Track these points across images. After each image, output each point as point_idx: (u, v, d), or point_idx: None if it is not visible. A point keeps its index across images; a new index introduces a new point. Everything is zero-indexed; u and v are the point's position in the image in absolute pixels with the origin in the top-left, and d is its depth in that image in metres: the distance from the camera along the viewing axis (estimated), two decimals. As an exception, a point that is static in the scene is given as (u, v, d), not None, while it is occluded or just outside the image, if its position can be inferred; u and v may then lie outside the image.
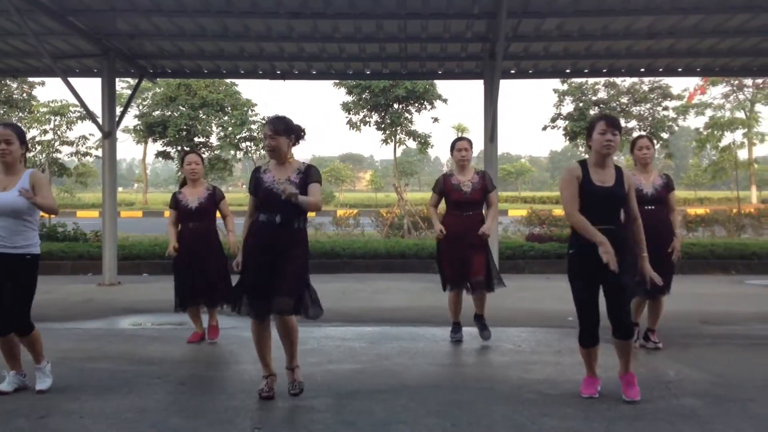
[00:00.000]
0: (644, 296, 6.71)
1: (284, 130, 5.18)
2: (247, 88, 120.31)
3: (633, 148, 7.02)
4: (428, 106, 21.30)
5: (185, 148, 21.34)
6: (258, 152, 21.83)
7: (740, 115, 25.43)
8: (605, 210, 5.05)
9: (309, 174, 5.20)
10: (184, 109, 21.52)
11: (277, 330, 5.17)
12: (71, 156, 23.16)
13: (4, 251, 5.10)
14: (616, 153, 5.21)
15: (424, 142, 22.14)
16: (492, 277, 7.01)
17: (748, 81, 26.60)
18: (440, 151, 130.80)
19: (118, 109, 13.51)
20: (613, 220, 5.09)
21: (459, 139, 7.24)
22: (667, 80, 22.94)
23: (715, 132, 24.86)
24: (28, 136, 22.12)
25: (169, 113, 21.68)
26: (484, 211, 7.09)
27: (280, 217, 5.08)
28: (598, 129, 5.03)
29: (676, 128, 23.61)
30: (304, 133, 5.36)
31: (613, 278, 4.91)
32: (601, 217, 5.00)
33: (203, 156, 7.85)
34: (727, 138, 25.51)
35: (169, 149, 21.78)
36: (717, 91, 25.51)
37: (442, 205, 7.30)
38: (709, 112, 25.63)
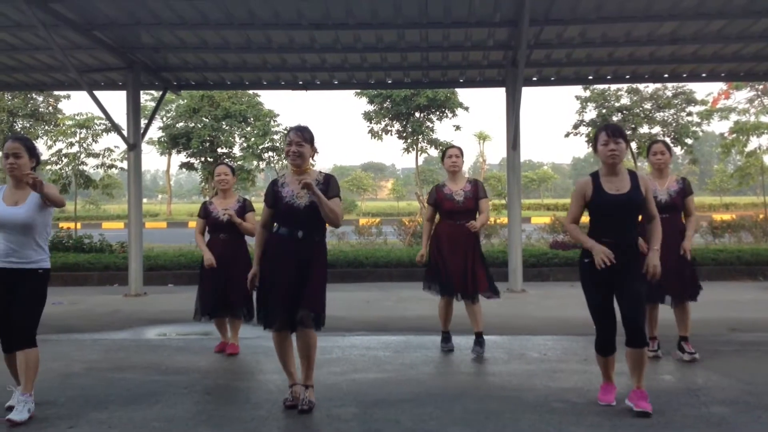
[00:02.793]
0: (658, 303, 6.69)
1: (309, 139, 5.24)
2: (269, 98, 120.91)
3: (648, 153, 6.95)
4: (450, 115, 21.33)
5: (209, 159, 21.51)
6: (280, 162, 21.93)
7: (765, 119, 25.09)
8: (623, 218, 5.04)
9: (329, 185, 5.23)
10: (207, 120, 21.70)
11: (297, 344, 5.21)
12: (97, 168, 23.33)
13: (16, 266, 4.99)
14: (639, 159, 5.19)
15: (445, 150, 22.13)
16: (493, 284, 7.07)
17: (774, 85, 26.33)
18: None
19: (143, 122, 13.66)
20: (630, 229, 5.06)
21: (449, 146, 7.36)
22: (690, 85, 22.67)
23: (740, 137, 24.59)
24: (54, 149, 22.43)
25: (193, 125, 21.86)
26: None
27: (302, 233, 5.13)
28: (600, 140, 5.06)
29: (701, 133, 23.40)
30: (316, 152, 5.44)
31: (626, 286, 4.93)
32: (620, 226, 5.01)
33: (233, 167, 7.88)
34: (753, 143, 25.24)
35: (192, 160, 21.96)
36: (741, 96, 25.31)
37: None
38: (733, 117, 25.39)
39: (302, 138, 5.19)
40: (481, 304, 7.06)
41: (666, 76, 13.91)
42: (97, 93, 12.20)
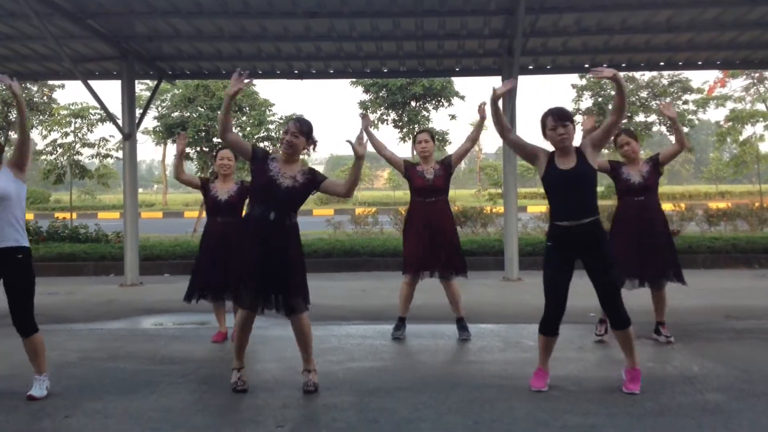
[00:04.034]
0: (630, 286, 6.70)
1: (307, 133, 5.27)
2: (265, 88, 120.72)
3: (615, 145, 6.97)
4: (445, 104, 21.34)
5: (204, 149, 21.44)
6: (277, 152, 21.92)
7: (761, 107, 25.11)
8: (576, 195, 5.09)
9: (316, 174, 5.33)
10: (202, 110, 21.61)
11: (294, 331, 5.30)
12: (92, 158, 23.31)
13: None
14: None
15: (441, 139, 22.12)
16: (463, 262, 7.11)
17: (769, 73, 26.32)
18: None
19: (138, 111, 13.61)
20: (587, 210, 5.09)
21: (420, 131, 7.36)
22: (686, 74, 22.65)
23: (736, 125, 24.63)
24: (49, 139, 22.40)
25: (188, 114, 21.78)
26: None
27: (274, 214, 5.14)
28: (548, 126, 5.11)
29: (697, 122, 23.39)
30: (316, 146, 5.46)
31: (597, 273, 5.06)
32: (575, 206, 5.07)
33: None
34: (748, 131, 25.29)
35: (188, 150, 21.89)
36: (737, 84, 25.27)
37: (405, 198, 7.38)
38: (729, 105, 25.38)
39: (299, 130, 5.22)
40: (458, 287, 7.13)
41: (662, 64, 13.88)
42: (91, 82, 12.16)
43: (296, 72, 13.96)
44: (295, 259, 5.22)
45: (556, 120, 5.08)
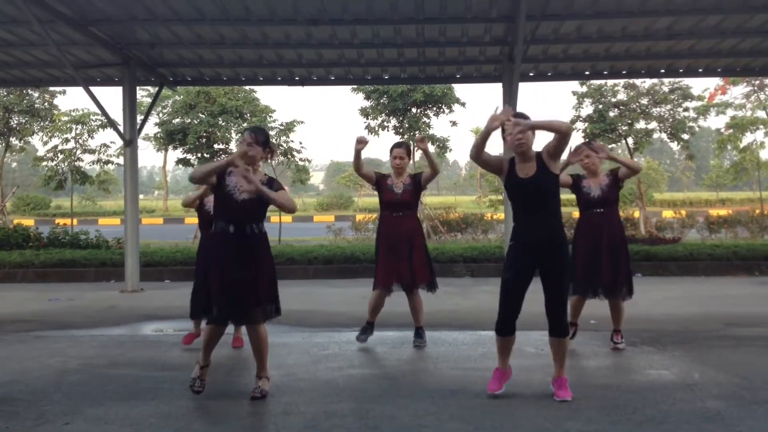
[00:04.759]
0: (586, 296, 6.85)
1: (263, 141, 5.38)
2: (266, 94, 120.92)
3: (576, 156, 6.96)
4: (446, 110, 21.30)
5: (205, 155, 21.43)
6: (277, 158, 21.87)
7: (762, 114, 25.09)
8: (537, 203, 5.15)
9: (272, 184, 5.35)
10: (203, 116, 21.59)
11: (249, 339, 5.40)
12: (93, 164, 23.28)
13: None
14: (636, 155, 5.21)
15: (442, 146, 22.12)
16: (433, 279, 7.17)
17: (770, 80, 26.29)
18: (459, 155, 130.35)
19: (139, 118, 13.64)
20: (549, 220, 5.16)
21: (396, 145, 7.26)
22: (687, 81, 22.63)
23: (737, 132, 24.62)
24: (50, 145, 22.41)
25: (189, 121, 21.76)
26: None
27: (233, 227, 5.23)
28: (507, 130, 5.15)
29: (697, 129, 23.35)
30: (273, 155, 5.61)
31: (550, 280, 5.15)
32: (537, 216, 5.15)
33: None
34: (748, 138, 25.28)
35: (189, 156, 21.87)
36: (738, 91, 25.22)
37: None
38: (730, 112, 25.36)
39: (255, 139, 5.33)
40: (421, 299, 7.20)
41: (662, 71, 13.90)
42: (93, 89, 12.16)
43: (297, 78, 13.98)
44: (259, 271, 5.27)
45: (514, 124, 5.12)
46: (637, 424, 4.58)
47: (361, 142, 6.81)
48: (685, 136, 22.51)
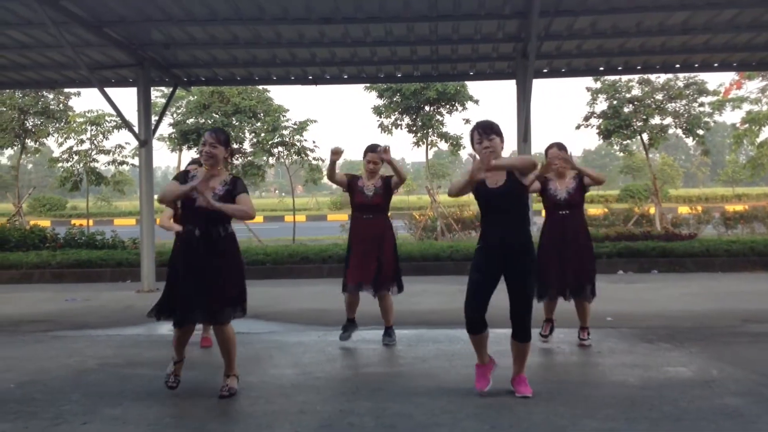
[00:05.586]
0: (553, 298, 6.97)
1: (224, 141, 5.40)
2: (279, 93, 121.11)
3: (546, 156, 7.06)
4: (459, 108, 21.26)
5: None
6: (290, 157, 21.89)
7: (778, 109, 24.90)
8: (507, 211, 5.19)
9: (236, 186, 5.38)
10: (217, 116, 21.67)
11: (216, 339, 5.46)
12: (108, 165, 23.41)
13: None
14: (651, 151, 5.20)
15: (455, 143, 22.07)
16: (398, 281, 7.30)
17: (786, 74, 26.04)
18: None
19: (154, 118, 13.68)
20: (517, 226, 5.20)
21: (371, 149, 7.23)
22: (702, 76, 22.44)
23: (753, 127, 24.44)
24: (65, 146, 22.54)
25: (203, 121, 21.84)
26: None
27: (198, 231, 5.28)
28: (475, 140, 5.19)
29: (712, 124, 23.17)
30: (233, 154, 5.69)
31: (516, 284, 5.17)
32: (505, 223, 5.18)
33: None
34: (765, 132, 25.10)
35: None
36: (753, 86, 25.03)
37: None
38: (745, 107, 25.16)
39: (216, 140, 5.36)
40: (391, 300, 7.31)
41: (677, 66, 13.81)
42: (107, 90, 12.21)
43: (311, 77, 14.01)
44: (225, 271, 5.31)
45: (481, 134, 5.15)
46: (655, 422, 4.56)
47: (336, 153, 6.92)
48: (701, 132, 22.34)
